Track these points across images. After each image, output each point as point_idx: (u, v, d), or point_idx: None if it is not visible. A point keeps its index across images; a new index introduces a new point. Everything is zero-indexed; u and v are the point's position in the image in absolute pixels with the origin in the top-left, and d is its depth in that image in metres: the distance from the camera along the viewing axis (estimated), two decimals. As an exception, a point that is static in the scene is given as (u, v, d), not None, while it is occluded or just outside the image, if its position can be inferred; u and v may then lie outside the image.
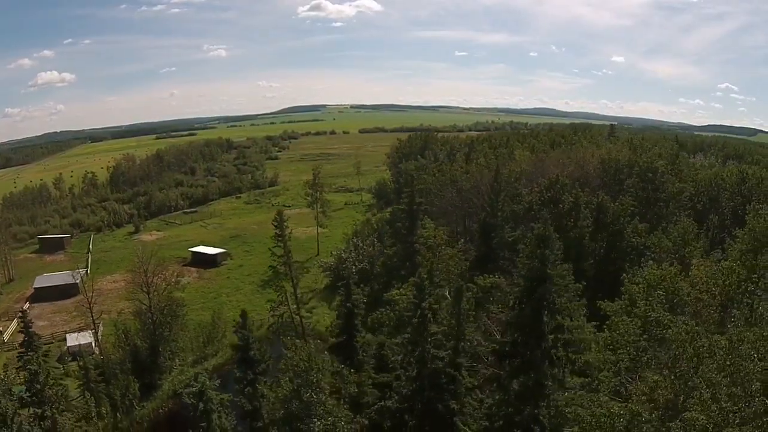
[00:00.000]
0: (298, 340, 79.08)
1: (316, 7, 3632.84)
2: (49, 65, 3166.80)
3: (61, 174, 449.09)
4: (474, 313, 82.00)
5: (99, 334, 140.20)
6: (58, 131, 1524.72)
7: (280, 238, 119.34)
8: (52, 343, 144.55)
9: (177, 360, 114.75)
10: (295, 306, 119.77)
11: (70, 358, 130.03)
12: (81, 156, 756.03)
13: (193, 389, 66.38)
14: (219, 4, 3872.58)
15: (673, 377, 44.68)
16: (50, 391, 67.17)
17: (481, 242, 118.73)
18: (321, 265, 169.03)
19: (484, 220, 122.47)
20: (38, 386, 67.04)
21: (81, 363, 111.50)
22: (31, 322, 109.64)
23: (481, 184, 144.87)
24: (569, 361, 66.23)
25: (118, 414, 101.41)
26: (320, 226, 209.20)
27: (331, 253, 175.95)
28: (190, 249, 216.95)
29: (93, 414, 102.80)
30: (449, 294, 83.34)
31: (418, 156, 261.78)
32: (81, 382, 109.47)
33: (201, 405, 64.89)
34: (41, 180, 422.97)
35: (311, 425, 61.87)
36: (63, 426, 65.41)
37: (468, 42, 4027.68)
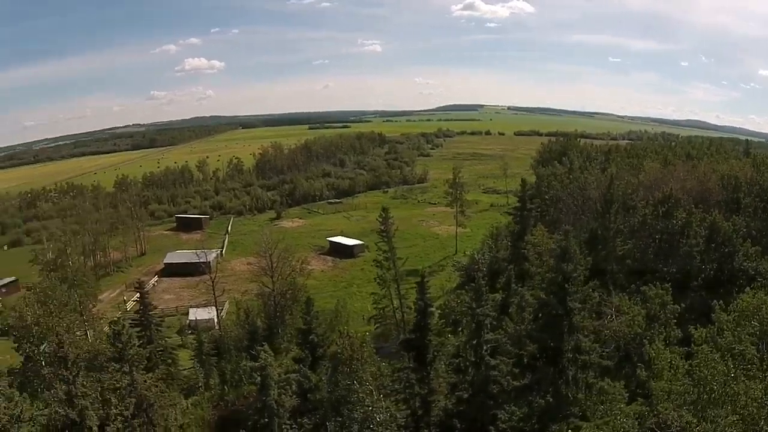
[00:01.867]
0: (351, 331, 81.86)
1: (470, 7, 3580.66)
2: (196, 52, 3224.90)
3: (207, 157, 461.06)
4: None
5: (223, 311, 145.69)
6: (207, 116, 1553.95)
7: (384, 234, 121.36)
8: (175, 315, 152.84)
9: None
10: (397, 300, 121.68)
11: (189, 331, 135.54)
12: (230, 141, 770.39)
13: (256, 364, 69.31)
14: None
15: (701, 419, 42.46)
16: (131, 351, 71.28)
17: (589, 254, 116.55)
18: (454, 264, 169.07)
19: (593, 231, 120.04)
20: (120, 345, 71.08)
21: (196, 336, 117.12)
22: (148, 293, 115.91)
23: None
24: (587, 385, 64.29)
25: (225, 387, 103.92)
26: (460, 226, 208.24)
27: (465, 253, 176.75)
28: (328, 238, 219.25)
29: (200, 384, 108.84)
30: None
31: (555, 162, 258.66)
32: (194, 354, 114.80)
33: (259, 379, 68.01)
34: (186, 162, 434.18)
35: (353, 412, 63.73)
36: (139, 382, 69.60)
37: (619, 48, 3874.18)
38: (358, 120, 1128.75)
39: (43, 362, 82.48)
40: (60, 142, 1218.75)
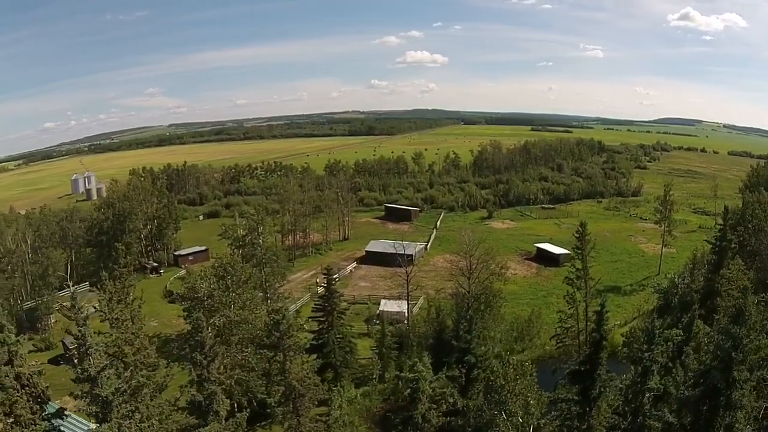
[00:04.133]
0: (513, 358, 77.84)
1: (685, 17, 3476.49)
2: (418, 45, 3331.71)
3: (426, 149, 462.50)
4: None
5: (416, 306, 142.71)
6: (429, 109, 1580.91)
7: (579, 251, 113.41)
8: (367, 304, 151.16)
9: (482, 347, 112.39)
10: (583, 322, 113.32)
11: (376, 322, 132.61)
12: (449, 136, 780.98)
13: (410, 376, 67.54)
14: (591, 3, 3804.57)
15: None
16: (288, 342, 69.05)
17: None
18: (653, 285, 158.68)
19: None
20: (277, 334, 68.81)
21: (380, 327, 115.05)
22: (335, 279, 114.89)
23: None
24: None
25: (400, 383, 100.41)
26: (666, 246, 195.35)
27: (666, 275, 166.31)
28: (535, 244, 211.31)
29: (375, 375, 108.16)
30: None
31: (762, 188, 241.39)
32: (375, 345, 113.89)
33: (409, 391, 66.95)
34: (402, 152, 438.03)
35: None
36: (291, 372, 67.12)
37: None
38: (580, 126, 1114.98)
39: (211, 334, 79.95)
40: (273, 122, 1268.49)
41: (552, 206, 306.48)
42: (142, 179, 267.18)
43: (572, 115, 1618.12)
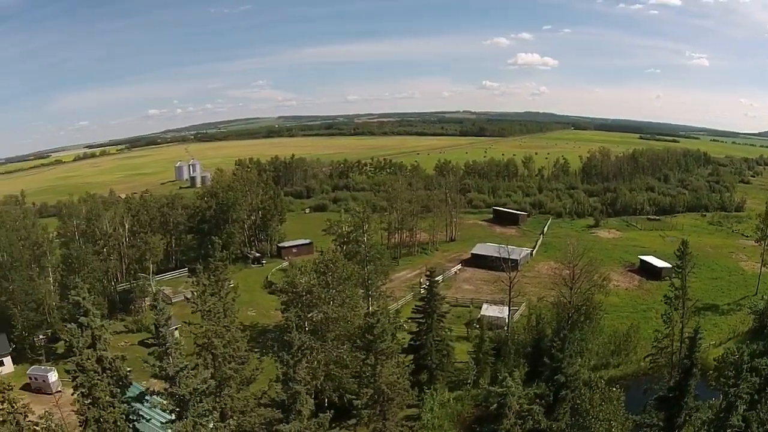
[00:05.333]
0: (602, 380, 78.72)
1: None
2: (529, 47, 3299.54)
3: (536, 153, 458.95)
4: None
5: (517, 313, 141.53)
6: (540, 112, 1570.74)
7: (679, 269, 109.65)
8: (469, 307, 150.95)
9: (579, 359, 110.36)
10: (678, 343, 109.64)
11: (476, 326, 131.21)
12: (560, 140, 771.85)
13: (499, 390, 67.06)
14: (696, 10, 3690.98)
15: None
16: (381, 345, 69.60)
17: None
18: (750, 306, 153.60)
19: None
20: (371, 337, 69.26)
21: (479, 332, 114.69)
22: (437, 282, 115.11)
23: None
24: None
25: (491, 394, 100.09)
26: (764, 265, 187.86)
27: (762, 296, 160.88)
28: (639, 256, 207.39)
29: (470, 380, 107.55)
30: None
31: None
32: (472, 350, 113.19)
33: (495, 406, 66.37)
34: (513, 155, 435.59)
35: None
36: (380, 375, 68.27)
37: None
38: (686, 136, 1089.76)
39: (306, 328, 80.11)
40: (384, 119, 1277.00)
41: (657, 218, 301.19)
42: (248, 170, 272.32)
43: (678, 124, 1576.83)
